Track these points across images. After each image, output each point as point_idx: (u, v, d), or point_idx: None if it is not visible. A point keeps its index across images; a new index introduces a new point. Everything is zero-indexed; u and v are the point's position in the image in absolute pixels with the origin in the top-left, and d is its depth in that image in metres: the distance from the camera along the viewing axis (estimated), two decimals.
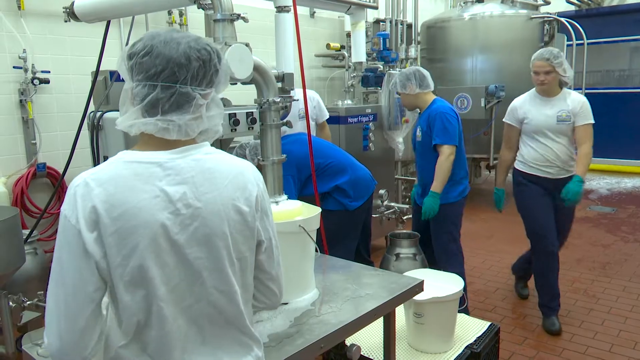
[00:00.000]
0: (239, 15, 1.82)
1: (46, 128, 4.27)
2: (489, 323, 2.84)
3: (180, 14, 5.15)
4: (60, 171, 3.68)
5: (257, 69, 1.86)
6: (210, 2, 1.83)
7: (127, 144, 2.66)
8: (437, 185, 3.35)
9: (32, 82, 4.08)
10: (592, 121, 3.36)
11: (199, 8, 1.99)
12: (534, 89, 3.48)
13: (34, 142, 4.19)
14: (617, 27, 8.86)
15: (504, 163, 3.79)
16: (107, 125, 2.92)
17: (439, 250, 3.53)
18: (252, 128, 1.88)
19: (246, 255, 1.24)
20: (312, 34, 6.80)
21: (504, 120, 3.62)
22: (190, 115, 1.15)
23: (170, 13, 5.08)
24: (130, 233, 1.08)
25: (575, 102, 3.35)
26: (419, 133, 3.54)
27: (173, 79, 1.12)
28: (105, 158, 2.82)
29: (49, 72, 4.21)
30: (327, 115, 4.34)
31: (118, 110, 3.08)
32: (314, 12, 6.77)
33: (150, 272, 1.10)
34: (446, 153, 3.32)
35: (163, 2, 2.15)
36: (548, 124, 3.36)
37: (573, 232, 5.72)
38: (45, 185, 4.33)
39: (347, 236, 3.35)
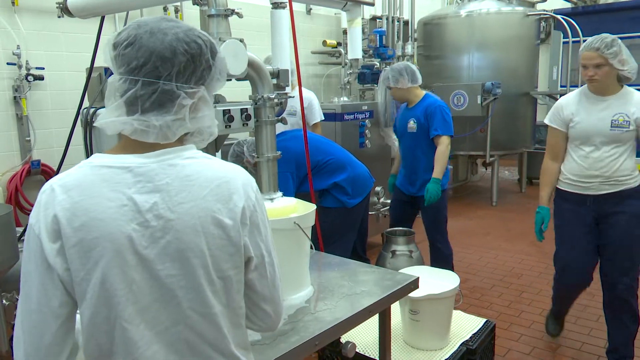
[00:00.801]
0: (233, 10, 1.81)
1: (41, 125, 4.26)
2: (484, 320, 2.84)
3: (176, 10, 5.13)
4: (55, 168, 3.67)
5: (251, 65, 1.85)
6: None
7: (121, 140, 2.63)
8: (439, 172, 3.62)
9: (27, 78, 4.06)
10: None
11: (194, 4, 1.97)
12: (585, 85, 2.81)
13: (28, 139, 4.17)
14: (613, 24, 8.85)
15: (549, 176, 2.97)
16: None
17: (436, 232, 3.82)
18: (247, 124, 1.86)
19: (229, 274, 1.08)
20: (309, 31, 6.79)
21: (545, 121, 2.97)
22: (172, 116, 1.03)
23: (165, 9, 5.05)
24: (93, 245, 0.97)
25: None
26: (412, 124, 3.75)
27: (155, 74, 1.00)
28: None
29: (44, 68, 4.19)
30: (318, 118, 4.28)
31: None
32: (311, 9, 6.75)
33: (113, 289, 0.99)
34: (446, 143, 3.64)
35: None
36: (599, 129, 2.69)
37: None
38: (39, 183, 4.31)
39: (345, 233, 3.34)
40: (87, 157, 3.19)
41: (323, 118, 4.33)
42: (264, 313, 1.21)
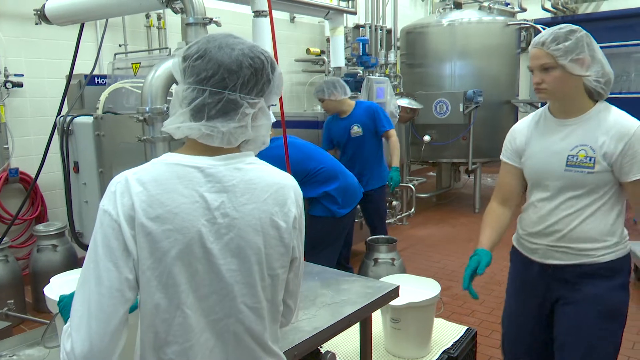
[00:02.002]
0: (211, 19, 1.80)
1: (19, 132, 4.19)
2: (465, 327, 2.85)
3: (159, 17, 5.11)
4: (34, 176, 3.63)
5: None
6: (182, 5, 1.80)
7: (98, 149, 2.60)
8: (398, 160, 4.21)
9: (5, 85, 4.01)
10: None
11: (175, 13, 1.97)
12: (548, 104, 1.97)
13: (6, 146, 4.11)
14: (591, 34, 9.01)
15: (492, 218, 2.13)
16: (77, 130, 2.86)
17: (380, 220, 4.31)
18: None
19: (278, 273, 1.19)
20: (292, 39, 6.80)
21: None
22: (236, 124, 1.12)
23: (148, 16, 5.03)
24: (164, 236, 1.05)
25: (618, 131, 1.76)
26: (357, 129, 4.14)
27: (222, 85, 1.09)
28: (76, 163, 2.79)
29: (23, 75, 4.14)
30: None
31: (90, 115, 3.02)
32: (294, 17, 6.77)
33: (179, 278, 1.07)
34: (395, 134, 4.22)
35: (134, 5, 2.12)
36: (551, 168, 1.87)
37: None
38: (17, 191, 4.25)
39: (332, 243, 3.35)
40: (64, 164, 3.14)
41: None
42: (288, 309, 1.32)
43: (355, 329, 2.05)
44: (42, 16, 2.58)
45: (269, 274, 1.17)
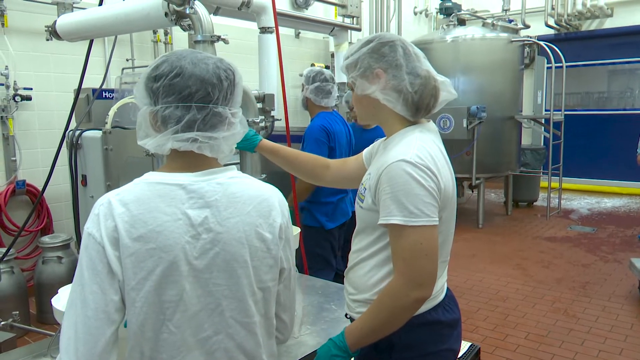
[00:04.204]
0: (219, 37, 1.84)
1: (27, 145, 4.24)
2: (469, 344, 2.84)
3: (166, 33, 5.18)
4: (41, 188, 3.66)
5: None
6: (191, 23, 1.84)
7: (106, 163, 2.65)
8: None
9: (14, 98, 4.06)
10: (412, 220, 1.32)
11: (184, 30, 2.00)
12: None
13: (13, 159, 4.15)
14: (595, 50, 9.09)
15: None
16: (85, 144, 2.91)
17: None
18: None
19: (269, 286, 1.18)
20: (297, 54, 6.87)
21: None
22: (225, 133, 1.14)
23: (155, 32, 5.10)
24: (148, 255, 1.05)
25: (378, 161, 1.47)
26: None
27: (207, 100, 1.10)
28: (84, 177, 2.83)
29: (32, 89, 4.20)
30: None
31: (99, 129, 3.04)
32: (299, 33, 6.84)
33: (164, 296, 1.07)
34: None
35: (144, 23, 2.16)
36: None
37: (554, 252, 5.83)
38: (24, 203, 4.28)
39: (324, 261, 3.30)
40: (72, 178, 3.16)
41: None
42: (283, 324, 1.30)
43: None
44: (53, 32, 2.63)
45: (259, 287, 1.16)
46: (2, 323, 2.60)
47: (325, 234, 3.27)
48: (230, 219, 1.13)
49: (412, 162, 1.34)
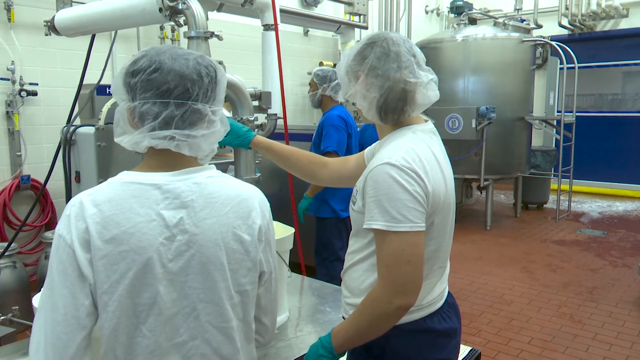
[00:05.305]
0: (212, 33, 1.82)
1: (32, 140, 4.26)
2: (469, 348, 2.79)
3: (172, 29, 5.17)
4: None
5: (231, 86, 1.85)
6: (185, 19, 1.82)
7: (99, 159, 2.64)
8: None
9: (20, 93, 4.08)
10: (394, 226, 1.28)
11: (179, 26, 1.98)
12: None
13: (19, 153, 4.17)
14: (609, 51, 8.95)
15: None
16: (80, 140, 2.90)
17: None
18: (224, 147, 1.85)
19: (247, 289, 1.14)
20: (306, 52, 6.83)
21: None
22: (204, 131, 1.11)
23: (162, 28, 5.10)
24: (121, 258, 1.02)
25: (370, 165, 1.38)
26: None
27: (186, 96, 1.07)
28: (77, 173, 2.82)
29: (37, 84, 4.21)
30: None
31: (92, 125, 3.02)
32: (308, 31, 6.81)
33: (137, 300, 1.03)
34: None
35: (140, 19, 2.14)
36: None
37: (562, 255, 5.74)
38: (29, 198, 4.30)
39: (338, 251, 3.44)
40: (66, 174, 3.16)
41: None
42: (264, 327, 1.26)
43: None
44: (51, 27, 2.63)
45: (236, 291, 1.12)
46: (2, 318, 2.60)
47: (340, 224, 3.45)
48: (207, 220, 1.09)
49: (398, 165, 1.30)
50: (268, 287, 1.23)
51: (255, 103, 2.06)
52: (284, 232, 2.03)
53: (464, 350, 2.76)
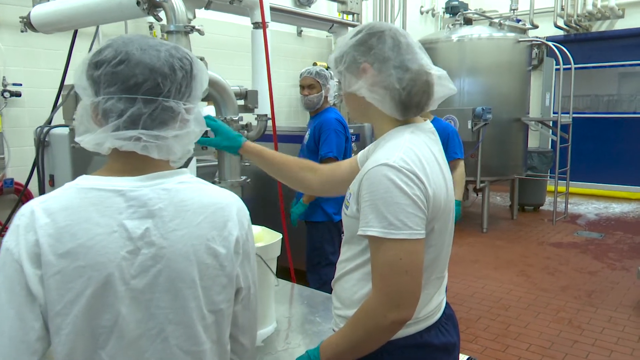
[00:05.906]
0: (193, 27, 1.71)
1: (16, 142, 4.14)
2: (466, 357, 2.69)
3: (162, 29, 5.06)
4: (30, 188, 3.56)
5: (213, 85, 1.75)
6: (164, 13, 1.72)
7: (74, 162, 2.51)
8: (461, 194, 3.78)
9: (3, 94, 3.96)
10: (392, 233, 1.17)
11: (158, 21, 1.88)
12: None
13: (2, 156, 4.05)
14: (605, 52, 8.90)
15: None
16: (53, 141, 2.76)
17: None
18: (206, 148, 1.75)
19: (222, 308, 1.02)
20: (299, 52, 6.74)
21: None
22: (177, 131, 0.99)
23: (152, 27, 4.99)
24: (76, 275, 0.90)
25: (365, 166, 1.27)
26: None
27: (156, 92, 0.95)
28: (51, 176, 2.70)
29: (21, 84, 4.09)
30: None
31: (66, 126, 2.91)
32: (301, 31, 6.72)
33: (96, 322, 0.92)
34: (463, 165, 3.61)
35: (116, 13, 2.04)
36: None
37: (560, 258, 5.66)
38: (12, 202, 4.16)
39: (330, 256, 3.37)
40: (39, 177, 3.02)
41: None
42: (242, 347, 1.13)
43: None
44: (28, 24, 2.52)
45: (210, 310, 1.00)
46: None
47: (332, 228, 3.40)
48: (177, 231, 0.96)
49: (396, 166, 1.18)
50: (246, 305, 1.10)
51: (241, 102, 1.96)
52: (270, 238, 1.92)
53: (461, 359, 2.67)
